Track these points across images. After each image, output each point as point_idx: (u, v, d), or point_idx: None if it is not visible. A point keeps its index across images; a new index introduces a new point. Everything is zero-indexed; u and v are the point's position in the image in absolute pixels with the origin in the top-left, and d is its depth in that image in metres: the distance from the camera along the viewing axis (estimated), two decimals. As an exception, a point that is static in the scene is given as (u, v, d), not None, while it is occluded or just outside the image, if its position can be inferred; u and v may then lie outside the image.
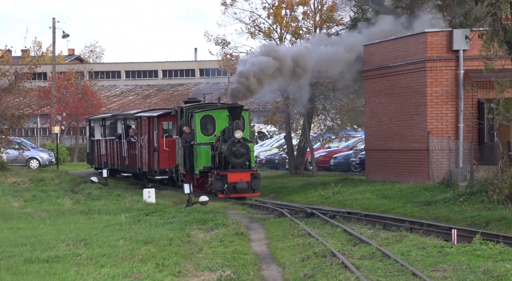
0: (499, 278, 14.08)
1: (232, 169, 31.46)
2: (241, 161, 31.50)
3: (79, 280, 15.61)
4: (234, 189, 31.16)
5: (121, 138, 43.73)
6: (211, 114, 33.66)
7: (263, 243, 21.26)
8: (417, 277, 14.62)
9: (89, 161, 51.97)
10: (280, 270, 17.32)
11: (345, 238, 20.05)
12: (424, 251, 17.18)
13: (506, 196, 24.95)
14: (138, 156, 40.60)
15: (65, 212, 28.84)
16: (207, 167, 32.77)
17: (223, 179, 31.36)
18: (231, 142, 31.33)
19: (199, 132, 33.42)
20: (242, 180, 31.11)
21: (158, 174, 37.55)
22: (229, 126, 31.77)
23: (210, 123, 33.58)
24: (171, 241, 20.43)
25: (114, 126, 46.08)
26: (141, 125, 40.27)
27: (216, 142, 32.44)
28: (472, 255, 16.12)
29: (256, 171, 32.13)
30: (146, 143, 38.92)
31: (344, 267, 16.05)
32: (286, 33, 55.24)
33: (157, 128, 37.73)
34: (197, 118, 33.39)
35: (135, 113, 43.91)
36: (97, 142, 48.62)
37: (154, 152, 37.86)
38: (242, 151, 31.34)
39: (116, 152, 44.85)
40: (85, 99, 74.38)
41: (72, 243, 20.12)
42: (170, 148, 36.82)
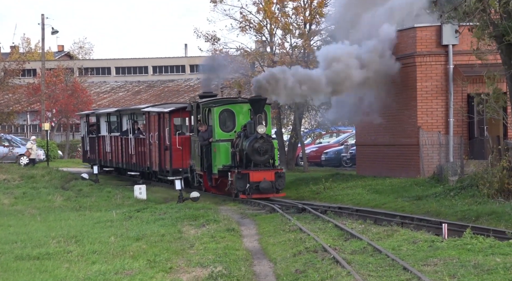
0: (490, 272, 14.13)
1: (255, 167, 29.07)
2: (265, 158, 29.11)
3: (70, 277, 15.58)
4: (257, 189, 28.73)
5: (127, 134, 41.44)
6: (231, 109, 31.09)
7: (255, 239, 21.28)
8: (408, 271, 14.66)
9: (86, 159, 49.51)
10: (272, 266, 17.35)
11: (336, 233, 20.09)
12: (415, 245, 17.23)
13: (496, 190, 25.05)
14: (147, 154, 38.28)
15: (56, 209, 28.83)
16: (227, 165, 30.27)
17: (245, 178, 28.93)
18: (254, 138, 28.94)
19: (218, 128, 30.90)
20: (266, 179, 28.75)
21: (171, 174, 34.94)
22: (251, 121, 29.45)
23: (230, 118, 31.06)
24: (162, 237, 20.44)
25: (119, 122, 43.78)
26: (150, 121, 37.82)
27: (237, 138, 30.06)
28: (462, 249, 16.18)
29: (281, 170, 29.61)
30: (157, 141, 36.59)
31: (336, 262, 16.08)
32: (276, 29, 55.35)
33: (169, 125, 35.39)
34: (215, 113, 30.91)
35: (143, 107, 40.80)
36: (101, 139, 46.16)
37: (165, 150, 35.59)
38: (265, 148, 28.94)
39: (121, 150, 42.48)
40: (75, 95, 74.25)
41: (63, 240, 20.11)
42: (183, 146, 34.59)
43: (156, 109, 37.88)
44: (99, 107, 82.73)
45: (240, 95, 32.94)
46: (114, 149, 43.65)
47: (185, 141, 34.45)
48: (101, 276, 15.43)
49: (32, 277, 15.68)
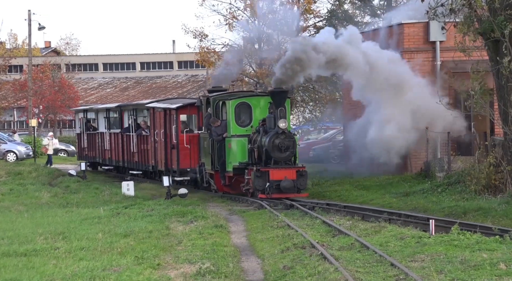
0: (476, 268, 14.19)
1: (275, 165, 27.12)
2: (286, 155, 27.09)
3: (58, 273, 15.57)
4: (277, 189, 26.83)
5: (128, 131, 39.31)
6: (247, 102, 28.89)
7: (243, 235, 21.30)
8: (395, 267, 14.71)
9: (82, 157, 47.26)
10: (260, 262, 17.38)
11: (324, 230, 20.12)
12: (402, 241, 17.26)
13: (483, 186, 25.15)
14: (151, 152, 36.22)
15: (43, 206, 28.79)
16: (243, 163, 28.14)
17: (264, 176, 26.94)
18: (274, 133, 26.94)
19: (233, 123, 28.73)
20: (287, 178, 26.81)
21: (178, 174, 32.95)
22: (270, 115, 27.41)
23: (246, 112, 28.83)
24: (150, 233, 20.43)
25: (120, 118, 41.57)
26: (155, 117, 35.64)
27: (254, 133, 28.09)
28: (449, 245, 16.23)
29: (303, 168, 27.42)
30: (163, 139, 34.43)
31: (323, 258, 16.12)
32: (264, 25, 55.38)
33: (176, 122, 33.22)
34: (231, 106, 28.77)
35: (147, 103, 38.51)
36: (100, 135, 44.05)
37: (172, 149, 33.51)
38: (287, 144, 26.96)
39: (122, 147, 40.34)
40: (62, 91, 74.19)
41: (50, 237, 20.08)
42: (191, 145, 32.43)
43: (161, 105, 35.85)
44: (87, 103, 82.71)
45: (256, 88, 30.55)
46: (114, 147, 41.64)
47: (193, 139, 32.39)
48: (89, 273, 15.41)
49: (19, 274, 15.64)
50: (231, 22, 54.93)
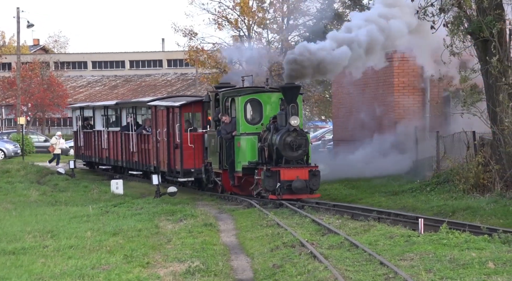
0: (465, 266, 14.24)
1: (286, 164, 25.78)
2: (298, 154, 25.75)
3: (46, 271, 15.55)
4: (288, 189, 25.51)
5: (128, 130, 37.77)
6: (257, 98, 27.40)
7: (232, 234, 21.30)
8: (384, 266, 14.74)
9: (79, 156, 46.08)
10: (249, 261, 17.39)
11: (314, 228, 20.14)
12: (392, 240, 17.30)
13: (471, 186, 25.24)
14: (153, 152, 34.65)
15: (32, 204, 28.72)
16: (253, 162, 26.71)
17: (275, 176, 25.62)
18: (286, 131, 25.62)
19: (243, 120, 27.26)
20: (299, 178, 25.49)
21: (182, 175, 31.50)
22: (282, 112, 26.13)
23: (256, 109, 27.38)
24: (139, 232, 20.42)
25: (119, 116, 40.22)
26: (157, 116, 34.10)
27: (265, 131, 26.71)
28: (438, 244, 16.27)
29: (315, 167, 26.02)
30: (165, 138, 32.81)
31: (313, 257, 16.14)
32: (253, 24, 55.42)
33: (179, 121, 31.63)
34: (240, 103, 27.33)
35: (148, 101, 36.82)
36: (97, 134, 42.44)
37: (175, 149, 31.86)
38: (299, 142, 25.60)
39: (121, 146, 38.74)
40: (50, 89, 74.10)
41: (38, 235, 20.05)
42: (195, 144, 31.00)
43: (164, 103, 34.23)
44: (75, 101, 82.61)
45: (267, 84, 28.69)
46: (113, 146, 40.09)
47: (198, 139, 31.00)
48: (78, 271, 15.40)
49: (8, 272, 15.61)
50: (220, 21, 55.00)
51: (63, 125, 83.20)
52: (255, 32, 55.37)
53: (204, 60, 55.83)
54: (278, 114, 26.32)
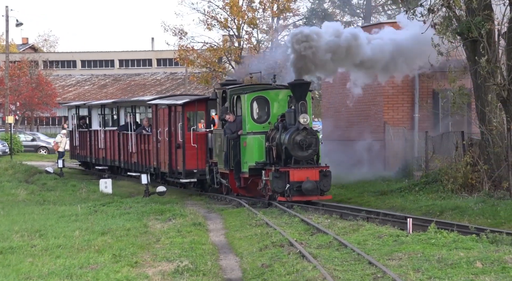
0: (453, 266, 14.27)
1: (296, 164, 24.57)
2: (308, 154, 24.54)
3: (34, 271, 15.51)
4: (298, 191, 24.35)
5: (126, 130, 36.28)
6: (264, 96, 26.13)
7: (221, 233, 21.31)
8: (373, 265, 14.76)
9: (74, 156, 45.00)
10: (238, 260, 17.40)
11: (303, 228, 20.16)
12: (380, 240, 17.33)
13: (460, 185, 25.32)
14: (153, 153, 33.29)
15: (20, 203, 28.63)
16: (260, 162, 25.47)
17: (284, 177, 24.38)
18: (295, 130, 24.40)
19: (249, 118, 26.04)
20: (309, 179, 24.32)
21: (184, 176, 30.10)
22: (290, 109, 24.91)
23: (263, 107, 26.18)
24: (128, 231, 20.39)
25: (117, 115, 38.65)
26: (158, 115, 32.69)
27: (272, 130, 25.51)
28: (426, 244, 16.30)
29: (326, 168, 24.80)
30: (167, 138, 31.41)
31: (302, 256, 16.16)
32: (243, 24, 55.39)
33: (182, 119, 30.19)
34: (246, 101, 26.01)
35: (149, 100, 35.36)
36: (93, 133, 41.09)
37: (177, 149, 30.50)
38: (309, 141, 24.39)
39: (118, 147, 37.34)
40: (39, 88, 73.90)
41: (26, 234, 19.99)
42: (199, 144, 29.59)
43: (166, 101, 32.87)
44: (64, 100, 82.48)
45: (274, 81, 27.06)
46: (110, 146, 38.62)
47: (201, 138, 29.68)
48: (66, 271, 15.36)
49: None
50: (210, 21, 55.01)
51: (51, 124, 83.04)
52: (245, 31, 55.44)
53: (194, 59, 55.87)
54: (286, 112, 25.20)
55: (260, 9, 54.96)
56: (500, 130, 25.02)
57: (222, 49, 55.27)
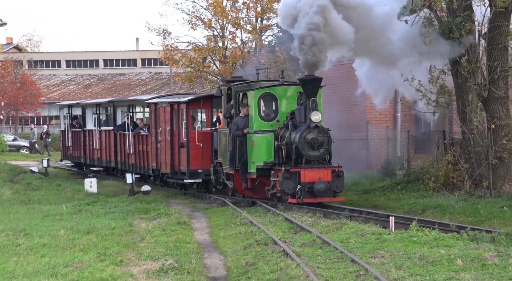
0: (434, 264, 14.34)
1: (307, 164, 23.13)
2: (320, 153, 23.07)
3: (19, 270, 15.48)
4: (309, 192, 22.88)
5: (124, 130, 34.83)
6: (272, 92, 24.66)
7: (206, 232, 21.32)
8: (355, 263, 14.82)
9: (67, 156, 43.65)
10: (222, 258, 17.42)
11: (286, 226, 20.18)
12: (363, 238, 17.38)
13: (441, 184, 25.44)
14: (152, 154, 31.66)
15: (4, 203, 28.52)
16: (269, 162, 23.95)
17: (294, 178, 22.87)
18: (306, 128, 22.94)
19: (256, 116, 24.53)
20: (321, 180, 22.86)
21: (188, 176, 28.56)
22: (300, 107, 23.45)
23: (271, 104, 24.72)
24: (113, 230, 20.38)
25: (113, 115, 37.13)
26: (158, 114, 31.12)
27: (281, 129, 24.02)
28: (408, 242, 16.35)
29: (339, 168, 23.37)
30: (168, 137, 29.79)
31: (285, 254, 16.19)
32: (227, 24, 55.42)
33: (186, 118, 28.61)
34: (253, 98, 24.57)
35: (148, 99, 33.60)
36: (88, 133, 39.66)
37: (181, 148, 28.94)
38: (321, 140, 22.94)
39: (115, 147, 35.91)
40: (24, 88, 73.73)
41: (11, 233, 19.94)
42: (204, 143, 28.08)
43: (167, 99, 31.12)
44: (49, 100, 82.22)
45: (282, 77, 25.59)
46: (105, 146, 37.16)
47: (206, 137, 28.13)
48: (51, 269, 15.34)
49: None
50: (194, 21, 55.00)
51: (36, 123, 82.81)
52: (229, 32, 55.44)
53: (179, 59, 55.81)
54: (296, 109, 23.66)
55: (243, 9, 55.05)
56: (480, 129, 25.16)
57: (206, 49, 55.31)
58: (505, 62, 24.79)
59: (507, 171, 24.99)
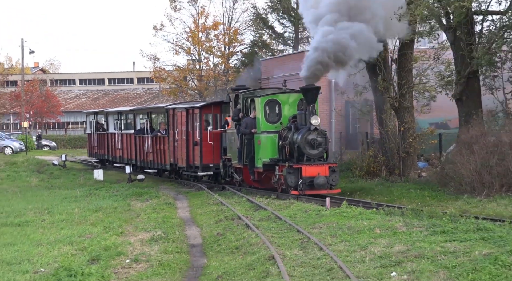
0: (359, 232, 14.37)
1: (307, 161, 21.33)
2: (319, 152, 21.30)
3: (44, 239, 15.36)
4: (310, 185, 21.01)
5: (143, 133, 32.52)
6: (276, 99, 22.91)
7: (186, 210, 21.22)
8: (300, 233, 14.80)
9: (93, 154, 41.29)
10: (199, 230, 17.35)
11: (248, 206, 20.12)
12: (306, 214, 17.35)
13: (365, 172, 25.56)
14: (169, 151, 29.54)
15: (32, 188, 28.27)
16: (274, 159, 22.15)
17: (297, 173, 21.14)
18: (307, 130, 21.29)
19: (263, 119, 22.76)
20: (320, 175, 21.02)
21: (201, 170, 26.73)
22: (301, 112, 21.74)
23: (275, 108, 22.90)
24: (115, 209, 20.24)
25: (132, 121, 35.09)
26: (174, 118, 28.98)
27: (284, 130, 22.30)
28: (340, 216, 16.36)
29: (335, 164, 21.68)
30: (184, 137, 27.90)
31: (247, 227, 16.13)
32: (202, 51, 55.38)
33: (199, 120, 26.81)
34: (260, 103, 22.89)
35: (165, 106, 31.45)
36: (110, 136, 37.40)
37: (195, 146, 27.13)
38: (320, 140, 21.23)
39: (135, 147, 33.71)
40: (47, 100, 73.41)
41: (38, 211, 19.77)
42: (214, 142, 26.35)
43: (183, 105, 29.16)
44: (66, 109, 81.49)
45: (285, 85, 23.79)
46: (126, 146, 35.05)
47: (216, 137, 26.39)
48: (68, 239, 15.24)
49: (14, 240, 15.40)
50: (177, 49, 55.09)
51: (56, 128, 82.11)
52: (203, 57, 55.40)
53: (165, 78, 55.85)
54: (298, 113, 21.95)
55: (214, 40, 55.10)
56: (393, 131, 25.34)
57: (186, 70, 55.33)
58: (410, 81, 25.00)
59: (413, 162, 25.21)
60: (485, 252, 11.48)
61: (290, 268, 11.81)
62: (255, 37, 51.10)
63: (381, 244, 12.97)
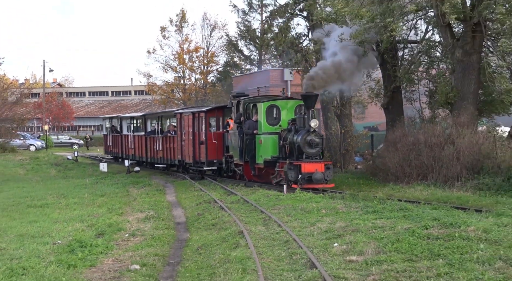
0: (309, 212, 14.41)
1: (306, 159, 19.52)
2: (316, 151, 19.53)
3: (60, 217, 15.22)
4: (308, 180, 19.21)
5: (154, 134, 30.61)
6: (277, 104, 21.33)
7: (173, 195, 21.09)
8: (263, 213, 14.80)
9: (108, 152, 39.30)
10: (183, 211, 17.26)
11: (222, 192, 20.07)
12: (268, 198, 17.31)
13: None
14: (177, 149, 27.79)
15: (52, 177, 27.89)
16: (274, 156, 20.45)
17: (296, 169, 19.41)
18: (306, 131, 19.58)
19: (264, 122, 21.16)
20: (318, 171, 19.24)
21: (206, 165, 25.02)
22: (300, 115, 20.11)
23: (275, 113, 21.32)
24: (116, 194, 20.05)
25: (143, 124, 33.34)
26: (183, 121, 27.20)
27: (284, 131, 20.53)
28: (294, 200, 16.35)
29: (329, 162, 20.05)
30: (191, 137, 26.21)
31: (221, 208, 16.10)
32: (186, 70, 55.40)
33: (205, 122, 25.20)
34: (263, 108, 21.20)
35: (175, 111, 29.87)
36: (124, 137, 35.46)
37: (201, 144, 25.45)
38: (317, 141, 19.53)
39: (145, 146, 31.92)
40: (63, 109, 73.05)
41: (56, 196, 19.52)
42: (218, 141, 24.76)
43: (189, 110, 27.76)
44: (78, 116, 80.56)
45: (283, 93, 22.67)
46: (137, 146, 33.25)
47: (219, 136, 24.77)
48: (79, 218, 15.11)
49: (37, 218, 15.27)
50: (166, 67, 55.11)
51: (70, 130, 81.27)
52: (187, 74, 55.39)
53: (156, 91, 55.80)
54: (297, 117, 20.28)
55: (196, 61, 55.10)
56: (336, 133, 25.49)
57: (173, 84, 55.21)
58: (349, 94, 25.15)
59: (351, 157, 25.38)
60: (405, 226, 11.61)
61: (255, 241, 11.80)
62: (228, 59, 51.25)
63: (326, 221, 13.06)
